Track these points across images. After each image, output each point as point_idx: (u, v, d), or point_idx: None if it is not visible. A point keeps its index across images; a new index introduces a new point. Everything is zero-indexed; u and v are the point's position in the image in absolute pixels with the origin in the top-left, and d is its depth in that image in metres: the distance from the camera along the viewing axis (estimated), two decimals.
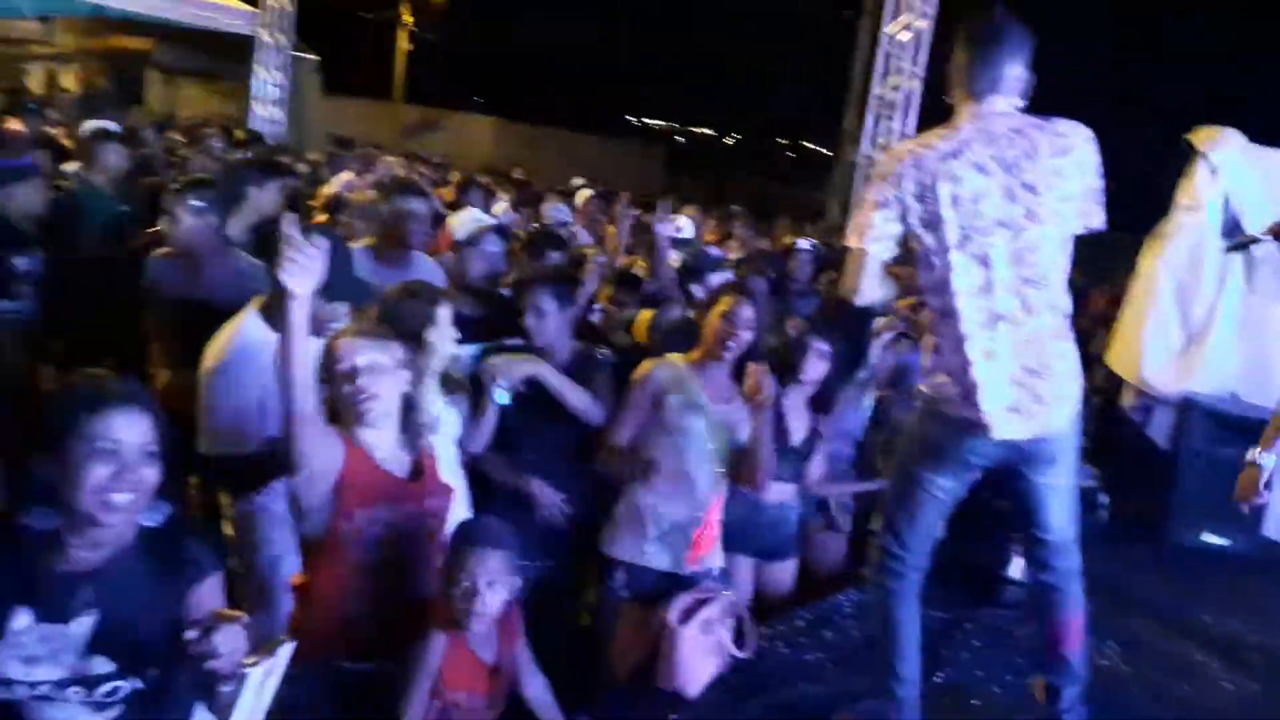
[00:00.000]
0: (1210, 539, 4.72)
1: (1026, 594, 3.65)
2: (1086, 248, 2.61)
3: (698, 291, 4.39)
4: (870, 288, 2.54)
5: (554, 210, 5.91)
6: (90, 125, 5.99)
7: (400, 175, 6.58)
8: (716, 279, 4.54)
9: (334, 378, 2.31)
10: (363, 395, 2.30)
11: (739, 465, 3.12)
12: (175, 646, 1.61)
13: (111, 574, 1.74)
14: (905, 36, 8.71)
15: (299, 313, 2.05)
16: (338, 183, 7.60)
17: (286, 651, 1.66)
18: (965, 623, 3.54)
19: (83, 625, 1.68)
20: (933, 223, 2.43)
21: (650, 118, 48.85)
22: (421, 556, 2.41)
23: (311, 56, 13.64)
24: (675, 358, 3.16)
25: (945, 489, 2.59)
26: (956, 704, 3.06)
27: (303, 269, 2.01)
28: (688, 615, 2.73)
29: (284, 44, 12.57)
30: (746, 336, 3.11)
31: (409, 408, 2.42)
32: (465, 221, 3.84)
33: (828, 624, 3.38)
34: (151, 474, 1.74)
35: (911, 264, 2.67)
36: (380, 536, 2.31)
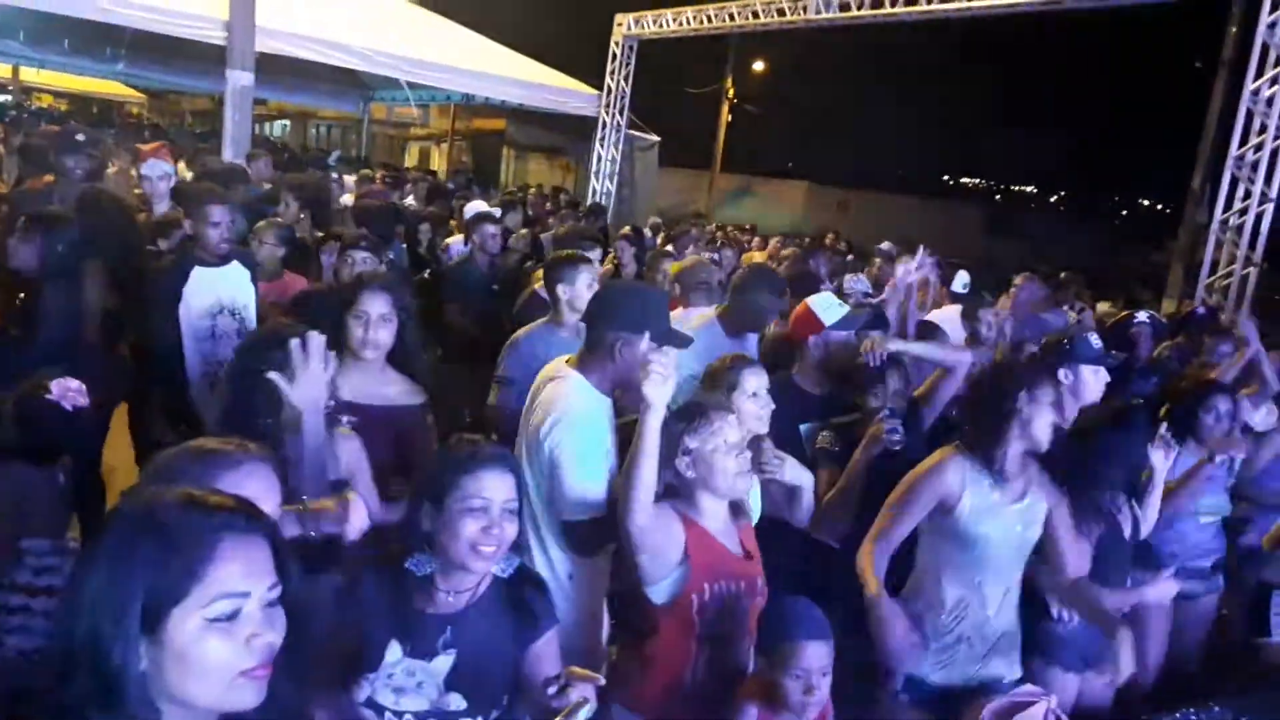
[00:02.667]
0: None
1: None
2: None
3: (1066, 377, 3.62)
4: None
5: (854, 283, 5.98)
6: (474, 206, 6.91)
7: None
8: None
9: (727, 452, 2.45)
10: (726, 469, 2.44)
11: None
12: (517, 691, 1.75)
13: (469, 618, 1.95)
14: (1270, 92, 7.90)
15: (654, 421, 2.21)
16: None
17: (585, 714, 1.65)
18: None
19: (443, 663, 1.89)
20: None
21: (968, 176, 47.13)
22: (747, 630, 2.48)
23: (652, 137, 14.64)
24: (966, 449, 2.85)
25: None
26: None
27: (664, 381, 2.21)
28: (1004, 717, 2.61)
29: (620, 123, 13.67)
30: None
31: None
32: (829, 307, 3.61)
33: None
34: (513, 529, 1.96)
35: None
36: (719, 609, 2.42)
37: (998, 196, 44.98)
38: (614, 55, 13.51)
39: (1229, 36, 12.26)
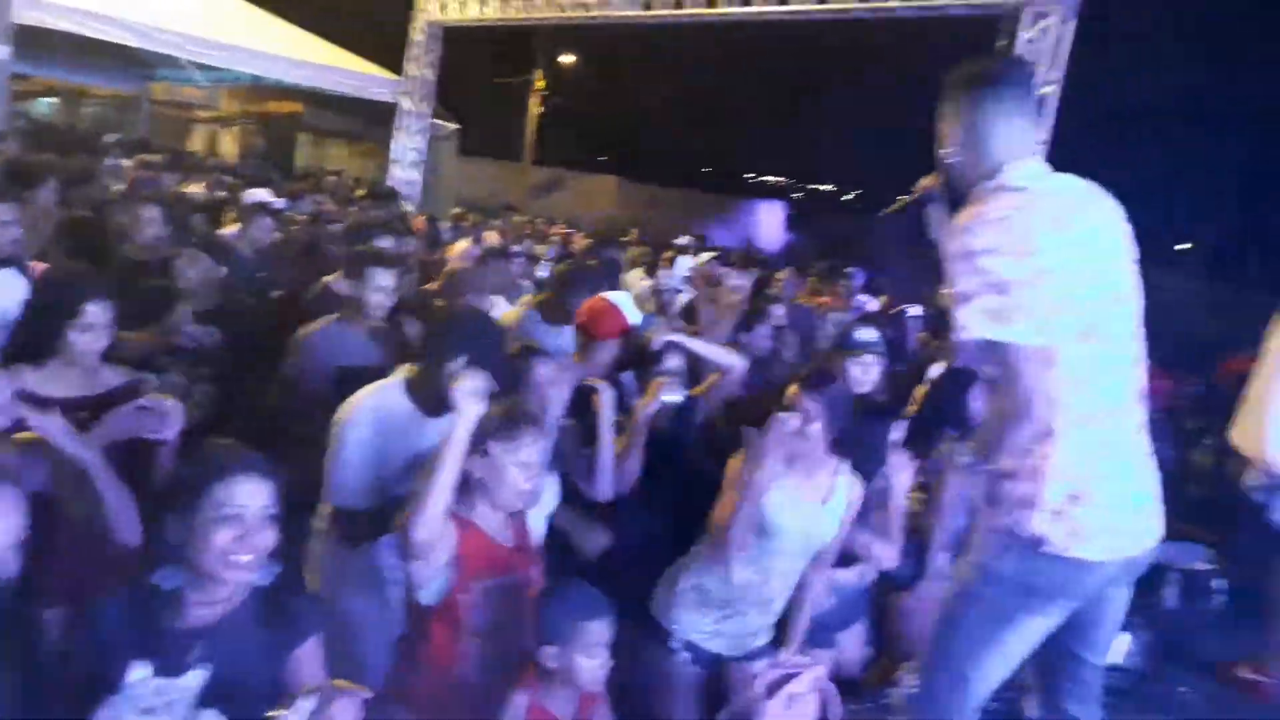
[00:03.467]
0: None
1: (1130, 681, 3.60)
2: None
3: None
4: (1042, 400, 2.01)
5: (668, 278, 6.13)
6: (254, 195, 6.53)
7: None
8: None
9: (498, 462, 2.46)
10: (517, 489, 2.48)
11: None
12: (281, 704, 1.70)
13: (224, 630, 1.90)
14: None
15: (462, 434, 2.25)
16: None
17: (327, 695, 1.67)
18: None
19: (194, 679, 1.82)
20: (1055, 303, 2.05)
21: (770, 174, 49.01)
22: (522, 622, 2.53)
23: (451, 125, 14.37)
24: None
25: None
26: None
27: (481, 395, 2.24)
28: (774, 689, 2.76)
29: (424, 111, 13.34)
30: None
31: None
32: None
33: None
34: (270, 536, 1.92)
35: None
36: (490, 604, 2.46)
37: (798, 194, 47.03)
38: (416, 41, 13.16)
39: (998, 49, 13.29)
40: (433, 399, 2.75)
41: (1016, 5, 8.85)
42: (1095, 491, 2.10)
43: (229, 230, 6.42)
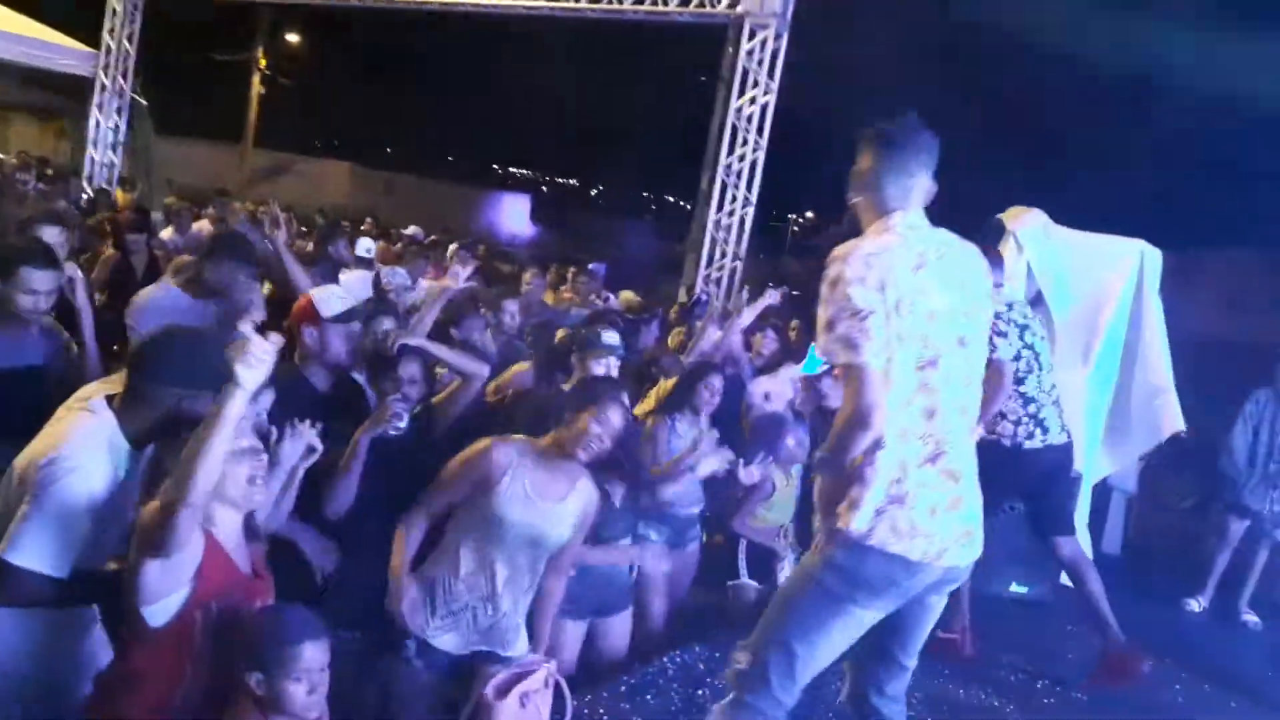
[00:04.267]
0: (1016, 589, 5.08)
1: None
2: None
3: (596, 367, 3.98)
4: (882, 414, 2.33)
5: (392, 275, 5.89)
6: None
7: None
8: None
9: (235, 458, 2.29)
10: (253, 478, 2.34)
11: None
12: None
13: None
14: (750, 110, 9.15)
15: (239, 404, 2.05)
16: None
17: None
18: None
19: None
20: (902, 336, 2.35)
21: (516, 166, 49.03)
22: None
23: (141, 101, 13.06)
24: (521, 440, 3.08)
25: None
26: None
27: (258, 363, 2.03)
28: (505, 690, 2.74)
29: (124, 87, 12.09)
30: (608, 445, 3.04)
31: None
32: (329, 299, 3.47)
33: (652, 688, 3.44)
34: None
35: None
36: (217, 627, 2.27)
37: (544, 188, 47.43)
38: (114, 10, 11.89)
39: (724, 57, 13.99)
40: (145, 430, 2.43)
41: (739, 17, 9.32)
42: (915, 497, 2.39)
43: None
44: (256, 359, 2.03)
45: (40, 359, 3.15)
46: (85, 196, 9.50)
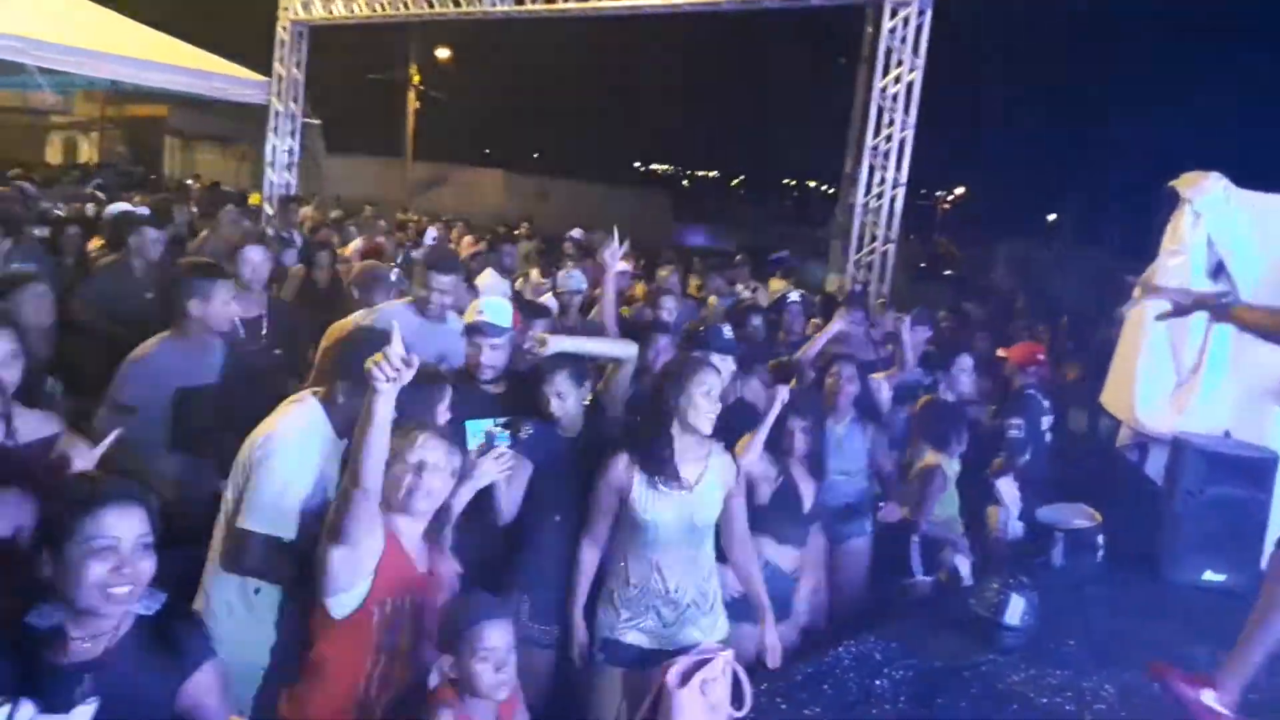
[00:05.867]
0: (1209, 577, 4.79)
1: (1022, 639, 3.76)
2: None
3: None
4: None
5: (568, 280, 6.09)
6: (116, 208, 6.17)
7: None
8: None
9: (400, 466, 2.46)
10: (421, 489, 2.47)
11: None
12: None
13: (109, 663, 1.85)
14: (895, 89, 8.92)
15: (386, 406, 2.17)
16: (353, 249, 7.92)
17: (3, 714, 1.66)
18: (963, 671, 3.62)
19: (83, 714, 1.77)
20: None
21: (658, 163, 49.27)
22: (426, 641, 2.52)
23: (315, 121, 13.98)
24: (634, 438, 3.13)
25: None
26: None
27: (396, 374, 2.14)
28: (686, 677, 2.79)
29: (295, 111, 12.93)
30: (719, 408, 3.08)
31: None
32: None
33: (829, 678, 3.44)
34: (148, 566, 1.86)
35: None
36: (400, 623, 2.44)
37: (685, 182, 47.50)
38: (282, 41, 12.74)
39: (865, 37, 13.67)
40: (344, 420, 2.67)
41: None
42: None
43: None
44: (392, 368, 2.13)
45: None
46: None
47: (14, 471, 2.38)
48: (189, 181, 12.85)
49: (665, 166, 50.69)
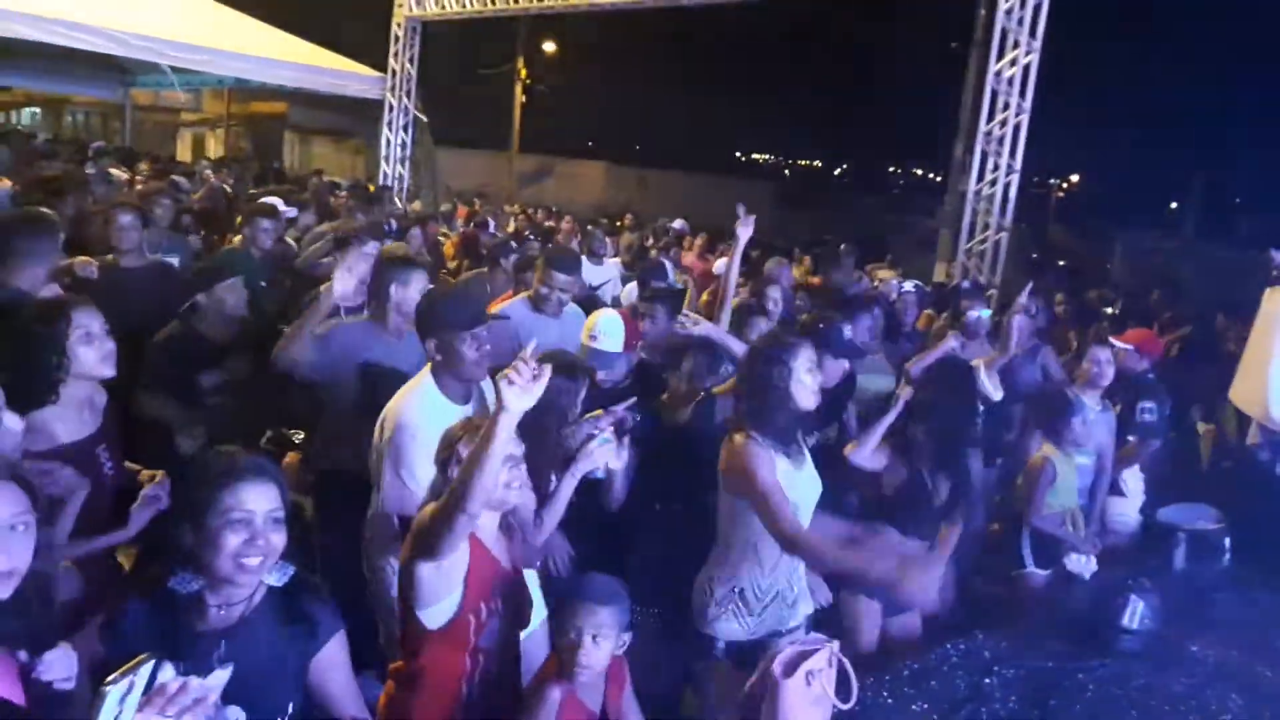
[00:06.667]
0: None
1: (1142, 644, 3.63)
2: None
3: None
4: None
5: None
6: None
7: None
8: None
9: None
10: (516, 483, 2.49)
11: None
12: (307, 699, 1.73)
13: (244, 631, 1.96)
14: (1010, 73, 8.64)
15: (508, 427, 2.10)
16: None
17: (147, 670, 1.63)
18: (1078, 673, 3.51)
19: (219, 679, 1.82)
20: None
21: (758, 152, 48.84)
22: (516, 639, 2.53)
23: (423, 118, 14.30)
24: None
25: None
26: None
27: (525, 391, 2.08)
28: (791, 667, 2.76)
29: (408, 105, 13.29)
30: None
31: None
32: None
33: (936, 674, 3.38)
34: (279, 539, 1.96)
35: None
36: (494, 623, 2.45)
37: (786, 171, 46.94)
38: (396, 37, 13.10)
39: (978, 20, 13.25)
40: (452, 384, 2.97)
41: None
42: None
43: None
44: (523, 386, 2.07)
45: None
46: (399, 210, 10.55)
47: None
48: (315, 178, 13.36)
49: (766, 155, 50.17)
